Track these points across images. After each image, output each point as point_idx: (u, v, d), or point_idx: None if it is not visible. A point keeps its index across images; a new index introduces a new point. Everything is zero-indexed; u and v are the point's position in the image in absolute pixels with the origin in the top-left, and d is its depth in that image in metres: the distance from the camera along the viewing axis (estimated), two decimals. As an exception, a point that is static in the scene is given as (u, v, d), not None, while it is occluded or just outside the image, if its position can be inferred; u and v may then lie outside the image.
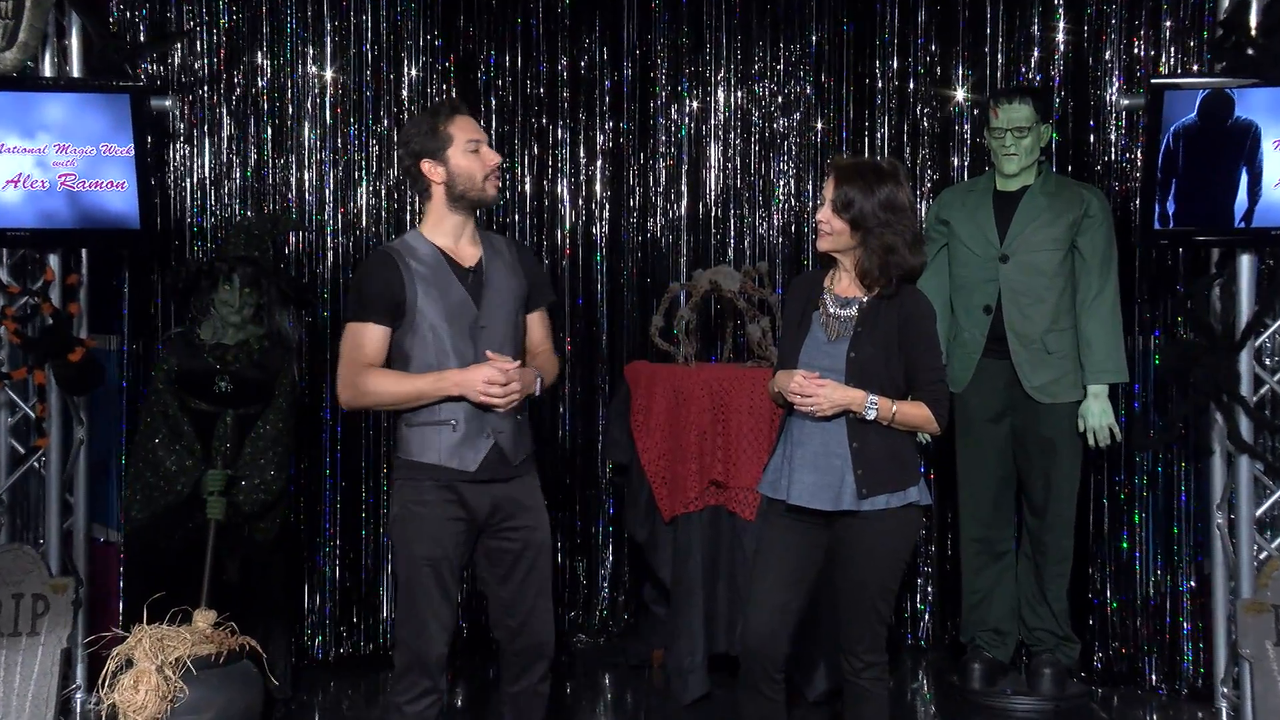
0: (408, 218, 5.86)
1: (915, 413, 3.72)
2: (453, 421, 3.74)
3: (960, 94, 5.83)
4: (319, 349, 5.76)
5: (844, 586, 3.79)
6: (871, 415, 3.69)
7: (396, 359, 3.77)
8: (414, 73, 5.85)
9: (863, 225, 3.70)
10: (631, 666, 5.59)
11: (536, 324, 3.99)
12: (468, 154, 3.76)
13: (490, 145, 3.84)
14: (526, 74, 6.00)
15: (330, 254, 5.81)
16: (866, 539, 3.71)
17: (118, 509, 5.32)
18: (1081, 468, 5.14)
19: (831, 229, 3.75)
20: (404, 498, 3.78)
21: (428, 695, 3.78)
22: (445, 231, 3.81)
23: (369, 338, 3.73)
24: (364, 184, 5.83)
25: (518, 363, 3.76)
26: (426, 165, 3.77)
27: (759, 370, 5.19)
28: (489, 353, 3.72)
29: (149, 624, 4.29)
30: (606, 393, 6.03)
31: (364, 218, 5.84)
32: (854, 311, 3.78)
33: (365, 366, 3.72)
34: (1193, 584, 5.41)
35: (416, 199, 3.94)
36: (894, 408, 3.69)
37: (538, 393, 3.85)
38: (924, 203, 5.83)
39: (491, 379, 3.69)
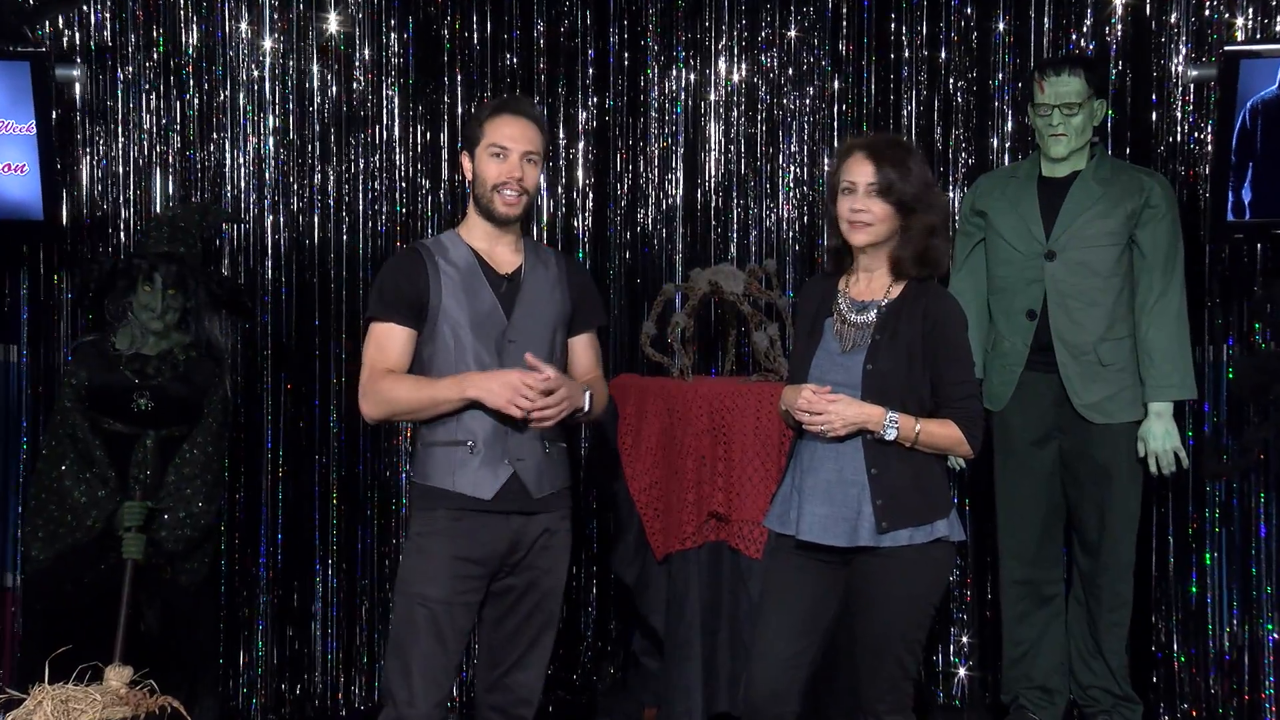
0: (361, 208, 5.87)
1: (943, 433, 3.72)
2: (470, 442, 3.82)
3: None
4: (256, 360, 5.75)
5: (863, 635, 3.78)
6: (891, 435, 3.69)
7: (415, 366, 3.89)
8: (367, 51, 5.85)
9: (906, 208, 3.74)
10: (619, 729, 5.59)
11: (584, 348, 4.07)
12: (490, 157, 3.87)
13: (534, 159, 3.90)
14: (497, 42, 5.97)
15: (270, 250, 5.80)
16: (887, 580, 3.70)
17: (15, 548, 5.32)
18: (1142, 498, 5.11)
19: (874, 217, 3.76)
20: (414, 528, 3.87)
21: None
22: (479, 236, 3.94)
23: (392, 339, 3.85)
24: (309, 170, 5.83)
25: (555, 372, 3.78)
26: (464, 158, 3.94)
27: (765, 385, 5.17)
28: (529, 355, 3.77)
29: (51, 683, 4.22)
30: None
31: (310, 208, 5.84)
32: (871, 317, 3.78)
33: (386, 372, 3.83)
34: (1276, 635, 5.40)
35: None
36: (917, 426, 3.69)
37: (586, 409, 3.90)
38: (957, 191, 5.82)
39: (523, 381, 3.71)
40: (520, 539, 3.86)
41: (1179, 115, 5.56)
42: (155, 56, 5.65)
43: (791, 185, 6.00)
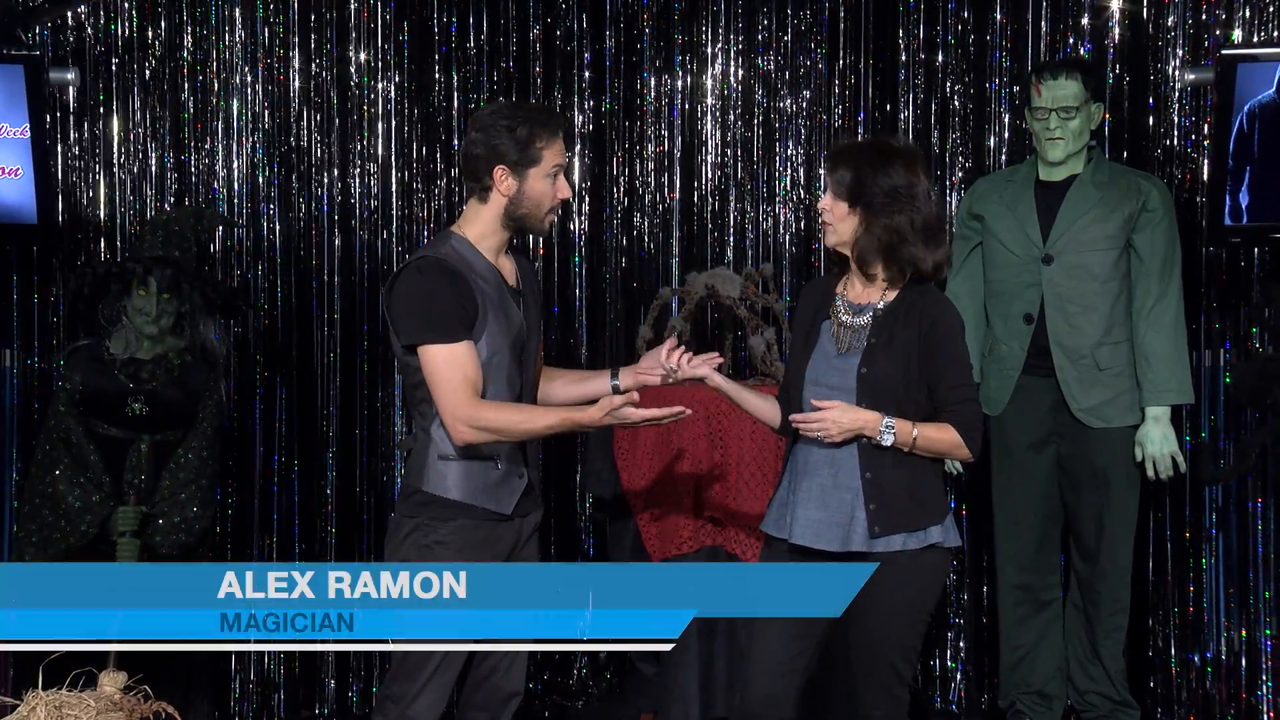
0: (356, 212, 5.85)
1: (941, 437, 3.70)
2: (496, 458, 3.81)
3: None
4: (250, 365, 5.75)
5: (857, 642, 3.77)
6: (888, 440, 3.67)
7: None
8: (362, 54, 5.85)
9: (863, 204, 3.70)
10: (615, 735, 5.58)
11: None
12: (546, 178, 3.83)
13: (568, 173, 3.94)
14: (494, 45, 5.96)
15: (264, 254, 5.80)
16: (880, 587, 3.67)
17: (7, 553, 5.29)
18: (1140, 503, 5.11)
19: (832, 217, 3.76)
20: (427, 537, 3.81)
21: None
22: (492, 246, 3.88)
23: (467, 359, 3.75)
24: (304, 173, 5.83)
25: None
26: (500, 172, 3.81)
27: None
28: (635, 394, 3.79)
29: (45, 688, 4.16)
30: (586, 415, 5.97)
31: (305, 212, 5.83)
32: (867, 320, 3.77)
33: (474, 394, 3.74)
34: (1274, 639, 5.40)
35: (465, 192, 3.99)
36: (914, 431, 3.67)
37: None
38: (954, 194, 5.81)
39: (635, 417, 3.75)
40: (519, 537, 3.90)
41: (1176, 119, 5.56)
42: (150, 60, 5.64)
43: (789, 189, 5.99)
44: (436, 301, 3.75)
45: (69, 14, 5.46)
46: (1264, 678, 5.40)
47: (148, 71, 5.63)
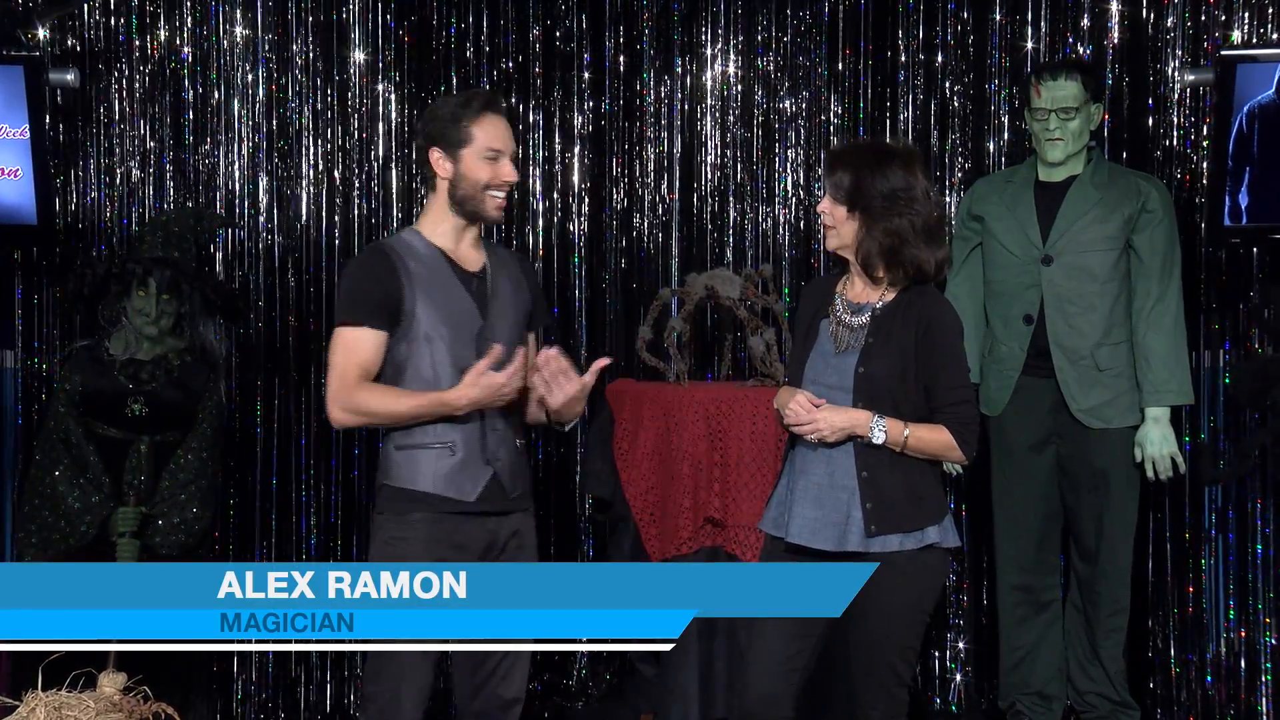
0: (355, 214, 5.87)
1: (934, 438, 3.71)
2: (451, 444, 3.80)
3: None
4: (250, 365, 5.76)
5: (855, 642, 3.78)
6: (879, 439, 3.69)
7: (389, 370, 3.84)
8: (362, 54, 5.85)
9: (862, 208, 3.71)
10: (615, 736, 5.57)
11: (532, 344, 4.06)
12: (483, 160, 3.84)
13: (515, 159, 3.92)
14: (493, 46, 5.98)
15: (264, 255, 5.80)
16: (879, 587, 3.66)
17: (8, 553, 5.31)
18: (1140, 504, 5.12)
19: (833, 219, 3.77)
20: (386, 533, 3.82)
21: None
22: (445, 233, 3.90)
23: (363, 344, 3.80)
24: (304, 174, 5.83)
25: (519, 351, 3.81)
26: (436, 155, 3.86)
27: (762, 390, 5.16)
28: (498, 346, 3.75)
29: (44, 689, 4.17)
30: (586, 416, 5.95)
31: (304, 213, 5.85)
32: (865, 319, 3.78)
33: (359, 379, 3.79)
34: (1273, 641, 5.42)
35: (421, 186, 4.08)
36: (906, 431, 3.69)
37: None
38: (954, 195, 5.82)
39: (491, 377, 3.73)
40: (495, 539, 3.86)
41: (1176, 120, 5.57)
42: (149, 60, 5.66)
43: (788, 190, 6.00)
44: (353, 286, 3.84)
45: (69, 14, 5.46)
46: (1264, 678, 5.41)
47: (148, 72, 5.65)
